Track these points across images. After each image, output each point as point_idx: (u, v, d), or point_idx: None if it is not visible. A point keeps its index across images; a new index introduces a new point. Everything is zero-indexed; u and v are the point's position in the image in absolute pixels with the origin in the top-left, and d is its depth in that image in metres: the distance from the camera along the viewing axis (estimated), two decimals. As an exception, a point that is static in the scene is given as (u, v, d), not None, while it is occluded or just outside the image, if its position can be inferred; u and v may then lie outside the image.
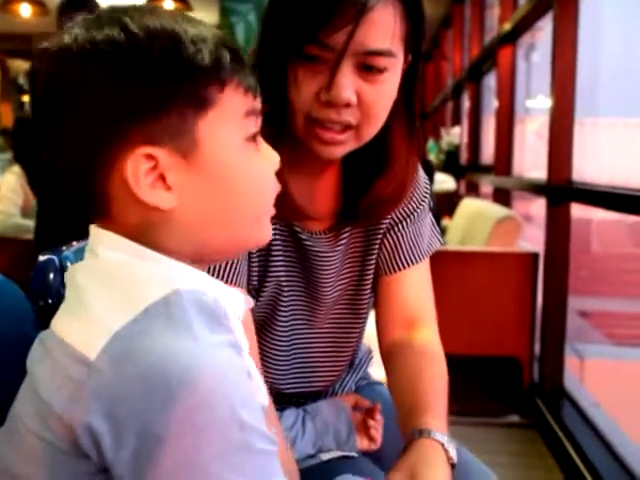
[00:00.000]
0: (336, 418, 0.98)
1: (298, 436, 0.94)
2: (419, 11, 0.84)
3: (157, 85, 0.57)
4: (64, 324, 0.59)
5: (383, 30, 0.79)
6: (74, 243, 0.92)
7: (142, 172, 0.57)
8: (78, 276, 0.61)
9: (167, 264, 0.60)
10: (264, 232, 0.67)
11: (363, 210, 0.92)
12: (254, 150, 0.63)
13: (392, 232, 0.98)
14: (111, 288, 0.57)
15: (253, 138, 0.63)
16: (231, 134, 0.61)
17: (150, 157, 0.57)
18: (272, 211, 0.66)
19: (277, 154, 0.66)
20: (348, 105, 0.80)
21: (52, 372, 0.57)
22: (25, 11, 6.09)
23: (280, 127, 0.75)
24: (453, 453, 0.80)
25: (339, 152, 0.84)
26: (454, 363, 0.98)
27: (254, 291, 0.93)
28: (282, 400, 1.01)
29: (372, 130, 0.84)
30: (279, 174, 0.66)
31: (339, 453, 0.95)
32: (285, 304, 0.96)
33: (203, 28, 0.61)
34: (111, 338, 0.53)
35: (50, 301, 0.85)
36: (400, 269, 0.98)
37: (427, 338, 0.97)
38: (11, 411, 0.61)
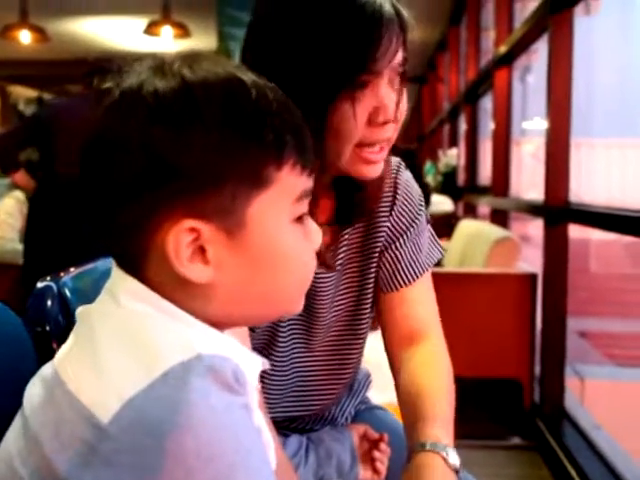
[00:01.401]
0: (340, 447, 0.97)
1: (300, 464, 0.93)
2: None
3: (216, 157, 0.54)
4: (74, 373, 0.56)
5: (403, 40, 0.83)
6: (72, 269, 0.92)
7: (183, 245, 0.55)
8: (94, 319, 0.59)
9: (192, 324, 0.57)
10: (299, 304, 0.65)
11: (356, 206, 0.93)
12: (300, 230, 0.61)
13: (390, 250, 0.99)
14: (129, 345, 0.55)
15: (300, 218, 0.61)
16: (281, 216, 0.59)
17: (193, 230, 0.55)
18: (309, 285, 0.65)
19: (320, 231, 0.64)
20: (395, 120, 0.83)
21: (57, 425, 0.54)
22: (25, 38, 6.15)
23: None
24: (454, 459, 0.80)
25: (382, 167, 0.87)
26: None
27: None
28: (281, 424, 1.01)
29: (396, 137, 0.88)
30: None
31: None
32: (284, 329, 0.96)
33: (266, 88, 0.58)
34: (126, 403, 0.51)
35: (48, 328, 0.85)
36: (401, 286, 0.98)
37: (432, 351, 0.97)
38: (2, 451, 0.58)
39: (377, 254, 0.98)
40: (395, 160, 1.00)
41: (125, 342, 0.55)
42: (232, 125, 0.55)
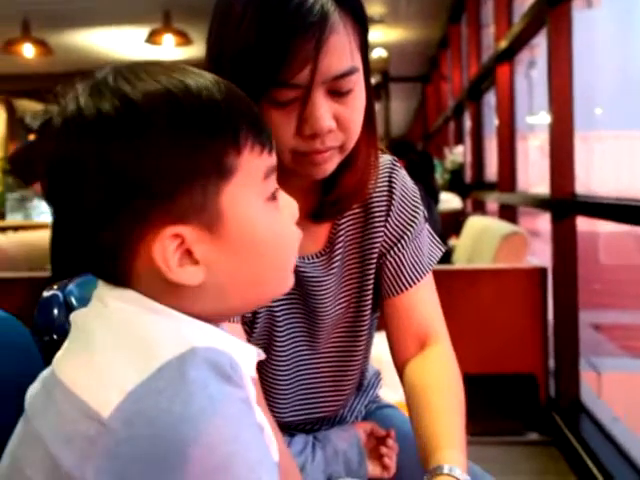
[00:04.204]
0: (347, 445, 0.96)
1: (307, 462, 0.93)
2: (362, 9, 0.83)
3: (174, 160, 0.54)
4: (72, 373, 0.57)
5: (343, 51, 0.78)
6: (75, 278, 0.93)
7: (170, 253, 0.55)
8: (89, 321, 0.59)
9: (180, 319, 0.58)
10: (288, 280, 0.65)
11: (331, 204, 0.92)
12: (275, 207, 0.62)
13: (392, 253, 0.98)
14: (124, 342, 0.56)
15: (273, 196, 0.61)
16: (253, 198, 0.59)
17: (176, 236, 0.55)
18: (295, 258, 0.66)
19: (295, 201, 0.64)
20: (330, 131, 0.81)
21: (59, 423, 0.55)
22: (28, 51, 6.20)
23: None
24: None
25: (330, 168, 0.85)
26: (468, 383, 0.97)
27: (249, 323, 0.92)
28: (289, 427, 1.01)
29: (353, 142, 0.85)
30: None
31: None
32: (281, 332, 0.95)
33: (207, 81, 0.58)
34: (125, 397, 0.52)
35: (55, 337, 0.85)
36: (405, 289, 0.97)
37: (440, 356, 0.96)
38: (8, 455, 0.59)
39: (376, 254, 0.98)
40: (388, 159, 0.99)
41: (120, 340, 0.56)
42: (182, 126, 0.55)
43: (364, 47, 0.85)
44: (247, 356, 0.62)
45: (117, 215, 0.55)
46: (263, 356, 0.65)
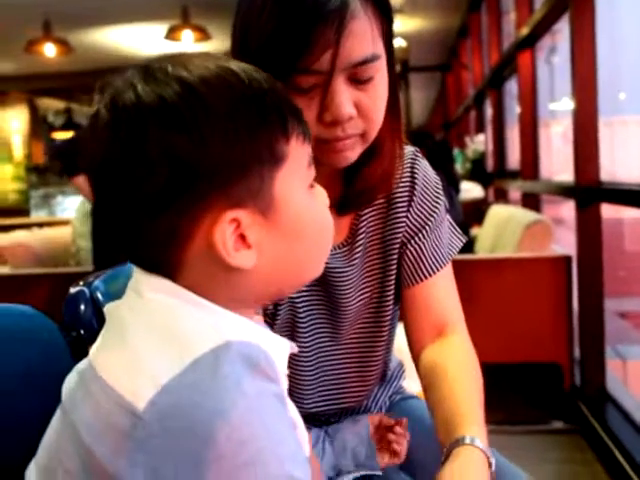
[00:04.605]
0: (355, 437, 0.96)
1: (318, 458, 0.93)
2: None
3: (235, 146, 0.56)
4: (108, 364, 0.58)
5: (364, 38, 0.79)
6: (101, 273, 0.94)
7: (228, 236, 0.57)
8: (123, 313, 0.60)
9: (216, 312, 0.59)
10: (320, 268, 0.67)
11: (356, 195, 0.93)
12: (314, 194, 0.64)
13: (413, 242, 0.98)
14: (159, 334, 0.56)
15: (312, 184, 0.64)
16: (300, 185, 0.62)
17: (234, 220, 0.57)
18: (331, 244, 0.68)
19: (324, 190, 0.66)
20: (350, 119, 0.81)
21: (95, 415, 0.56)
22: (49, 51, 6.26)
23: None
24: (493, 460, 0.79)
25: (352, 156, 0.85)
26: (493, 372, 0.96)
27: (270, 315, 0.93)
28: (313, 419, 1.01)
29: (375, 132, 0.86)
30: None
31: (361, 472, 0.94)
32: (303, 324, 0.96)
33: (252, 70, 0.60)
34: (160, 390, 0.52)
35: (82, 332, 0.86)
36: (424, 278, 0.98)
37: (458, 344, 0.96)
38: (46, 446, 0.61)
39: (398, 245, 0.98)
40: (410, 149, 0.99)
41: (155, 332, 0.57)
42: (240, 113, 0.57)
43: (387, 36, 0.85)
44: (280, 350, 0.62)
45: (178, 200, 0.56)
46: (296, 349, 0.65)
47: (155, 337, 0.56)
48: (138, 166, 0.56)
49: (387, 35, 0.85)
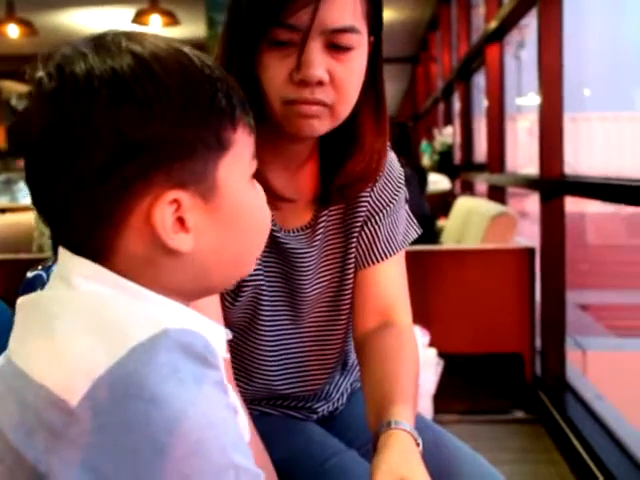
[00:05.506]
0: None
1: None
2: None
3: (182, 126, 0.55)
4: (33, 359, 0.55)
5: (345, 8, 0.81)
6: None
7: (168, 217, 0.56)
8: (49, 306, 0.57)
9: (153, 300, 0.57)
10: (253, 265, 0.68)
11: (337, 189, 0.94)
12: (254, 186, 0.64)
13: (369, 225, 0.99)
14: (91, 325, 0.54)
15: (253, 176, 0.64)
16: (242, 175, 0.62)
17: (174, 201, 0.56)
18: (266, 240, 0.68)
19: (260, 186, 0.66)
20: (320, 83, 0.82)
21: (20, 414, 0.53)
22: (13, 32, 6.11)
23: (255, 112, 0.75)
24: (419, 440, 0.79)
25: (318, 127, 0.85)
26: (456, 362, 0.97)
27: (232, 293, 0.93)
28: (283, 403, 1.02)
29: (346, 108, 0.86)
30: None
31: None
32: (267, 304, 0.97)
33: (205, 58, 0.60)
34: (94, 383, 0.50)
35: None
36: (376, 262, 0.99)
37: (398, 331, 0.96)
38: None
39: (357, 230, 0.99)
40: None
41: (87, 323, 0.54)
42: (190, 95, 0.56)
43: (372, 20, 0.86)
44: (218, 336, 0.62)
45: (119, 175, 0.54)
46: (230, 335, 0.65)
47: (87, 328, 0.54)
48: (82, 138, 0.54)
49: (372, 20, 0.86)
